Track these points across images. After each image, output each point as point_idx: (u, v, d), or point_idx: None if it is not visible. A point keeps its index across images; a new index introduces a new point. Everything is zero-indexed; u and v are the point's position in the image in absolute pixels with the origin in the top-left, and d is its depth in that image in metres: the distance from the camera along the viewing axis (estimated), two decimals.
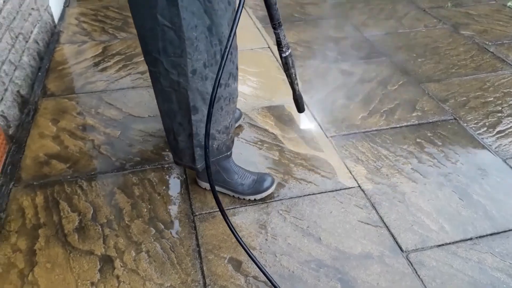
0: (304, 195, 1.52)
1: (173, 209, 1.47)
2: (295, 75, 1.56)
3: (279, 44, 1.47)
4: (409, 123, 1.89)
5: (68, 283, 1.22)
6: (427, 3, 3.15)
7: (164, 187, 1.56)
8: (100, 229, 1.39)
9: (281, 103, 2.02)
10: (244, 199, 1.50)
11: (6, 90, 1.78)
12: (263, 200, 1.50)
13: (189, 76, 1.20)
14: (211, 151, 1.39)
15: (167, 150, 1.73)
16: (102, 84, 2.17)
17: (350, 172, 1.63)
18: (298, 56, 2.43)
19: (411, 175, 1.61)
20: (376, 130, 1.85)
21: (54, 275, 1.24)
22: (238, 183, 1.49)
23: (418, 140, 1.79)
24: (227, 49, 0.97)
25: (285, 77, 2.22)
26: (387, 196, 1.52)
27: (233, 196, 1.51)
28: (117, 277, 1.24)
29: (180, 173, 1.62)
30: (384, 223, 1.42)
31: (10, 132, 1.76)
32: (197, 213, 1.45)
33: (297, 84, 1.60)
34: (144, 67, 2.32)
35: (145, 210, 1.46)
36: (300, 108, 1.72)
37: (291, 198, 1.51)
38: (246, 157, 1.69)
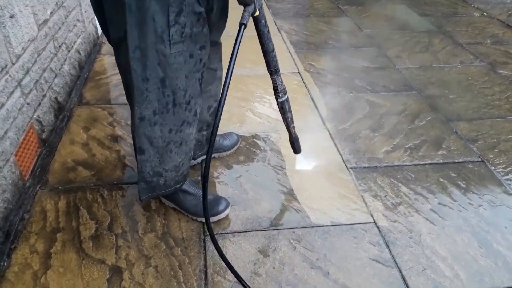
0: (317, 226, 1.51)
1: (186, 227, 1.49)
2: (291, 119, 1.56)
3: (275, 89, 1.47)
4: (433, 161, 1.85)
5: None
6: (466, 38, 3.10)
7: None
8: (114, 239, 1.44)
9: (304, 129, 2.03)
10: (196, 220, 1.52)
11: (44, 96, 1.89)
12: (274, 226, 1.50)
13: (136, 121, 1.23)
14: (157, 185, 1.40)
15: None
16: None
17: (367, 207, 1.60)
18: (327, 83, 2.44)
19: (430, 215, 1.57)
20: (398, 165, 1.82)
21: (65, 280, 1.29)
22: (192, 204, 1.51)
23: (441, 180, 1.75)
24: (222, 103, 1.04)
25: (311, 103, 2.24)
26: (402, 235, 1.49)
27: (188, 215, 1.53)
28: None
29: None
30: (396, 264, 1.38)
31: (44, 136, 1.85)
32: (208, 233, 1.47)
33: (293, 127, 1.59)
34: None
35: (159, 224, 1.50)
36: (296, 149, 1.68)
37: (304, 227, 1.50)
38: (263, 180, 1.71)
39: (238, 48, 1.06)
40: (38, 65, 1.83)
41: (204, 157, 1.75)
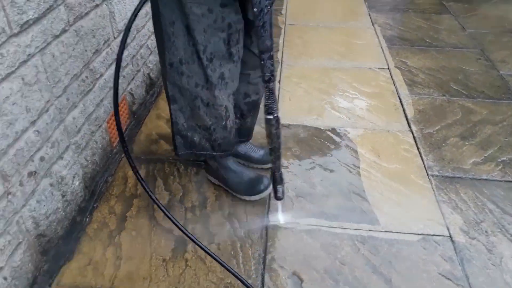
0: (386, 231, 1.44)
1: (252, 212, 1.51)
2: (275, 149, 1.27)
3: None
4: None
5: (144, 254, 1.35)
6: None
7: None
8: (184, 212, 1.51)
9: (385, 129, 1.93)
10: (240, 198, 1.50)
11: (138, 71, 2.02)
12: (339, 224, 1.45)
13: (167, 67, 1.25)
14: (192, 142, 1.40)
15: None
16: None
17: (444, 219, 1.49)
18: (418, 83, 2.29)
19: None
20: (486, 179, 1.66)
21: (135, 243, 1.39)
22: (235, 182, 1.50)
23: None
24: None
25: (397, 101, 2.12)
26: (481, 254, 1.36)
27: (231, 194, 1.52)
28: (186, 260, 1.33)
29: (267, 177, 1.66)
30: (469, 284, 1.26)
31: (134, 108, 2.00)
32: (272, 221, 1.47)
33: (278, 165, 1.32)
34: None
35: (227, 205, 1.54)
36: (276, 193, 1.39)
37: (371, 230, 1.44)
38: (334, 176, 1.66)
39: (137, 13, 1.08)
40: (136, 41, 1.96)
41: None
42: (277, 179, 1.36)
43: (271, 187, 1.43)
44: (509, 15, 3.22)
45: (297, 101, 2.14)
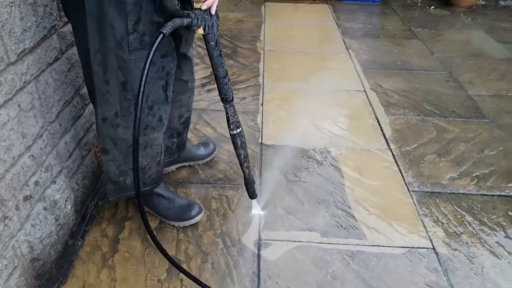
0: (373, 245, 1.50)
1: (243, 229, 1.55)
2: (245, 157, 1.43)
3: (227, 120, 1.35)
4: (502, 193, 1.76)
5: (139, 275, 1.35)
6: None
7: (239, 206, 1.65)
8: (176, 233, 1.53)
9: (365, 148, 2.02)
10: (169, 224, 1.54)
11: None
12: (328, 240, 1.51)
13: (99, 122, 1.27)
14: (124, 185, 1.42)
15: None
16: (204, 104, 2.38)
17: (427, 232, 1.56)
18: (393, 104, 2.41)
19: (495, 248, 1.50)
20: (463, 193, 1.76)
21: (129, 265, 1.39)
22: (165, 207, 1.53)
23: (510, 213, 1.66)
24: (139, 105, 0.98)
25: (375, 122, 2.23)
26: (463, 265, 1.43)
27: (160, 219, 1.56)
28: (181, 280, 1.34)
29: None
30: None
31: None
32: (263, 238, 1.51)
33: (248, 167, 1.46)
34: (243, 93, 2.49)
35: (218, 224, 1.57)
36: (250, 194, 1.55)
37: (358, 245, 1.50)
38: (320, 193, 1.72)
39: (152, 55, 1.00)
40: None
41: (178, 164, 1.80)
42: (250, 181, 1.51)
43: (202, 214, 1.56)
44: (472, 39, 3.45)
45: (280, 123, 2.22)
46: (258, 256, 1.44)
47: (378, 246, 1.50)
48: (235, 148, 1.41)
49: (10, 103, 1.13)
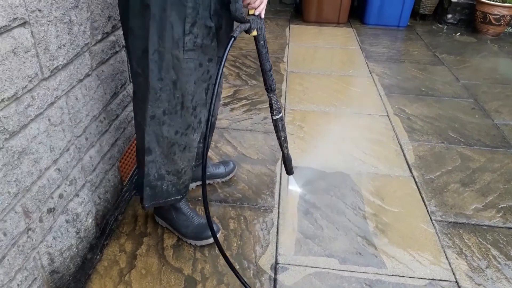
0: (392, 275, 1.46)
1: (259, 252, 1.53)
2: (285, 138, 1.63)
3: (270, 106, 1.54)
4: None
5: None
6: None
7: (256, 228, 1.64)
8: (193, 251, 1.52)
9: (387, 173, 1.99)
10: (185, 242, 1.55)
11: None
12: (347, 268, 1.47)
13: (147, 119, 1.32)
14: (160, 191, 1.46)
15: (267, 193, 1.83)
16: (226, 122, 2.40)
17: (449, 264, 1.51)
18: (417, 130, 2.38)
19: None
20: (488, 225, 1.70)
21: (145, 282, 1.39)
22: (184, 225, 1.55)
23: None
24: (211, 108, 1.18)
25: (398, 147, 2.20)
26: None
27: (178, 236, 1.57)
28: None
29: (273, 218, 1.69)
30: None
31: None
32: (280, 262, 1.49)
33: (286, 147, 1.66)
34: (265, 114, 2.51)
35: (235, 244, 1.56)
36: (288, 170, 1.76)
37: (378, 274, 1.46)
38: (340, 219, 1.70)
39: (227, 56, 1.20)
40: None
41: (198, 182, 1.85)
42: (289, 159, 1.71)
43: (219, 234, 1.60)
44: (499, 67, 3.40)
45: (301, 144, 2.21)
46: (275, 280, 1.42)
47: (398, 276, 1.46)
48: (277, 131, 1.60)
49: (41, 117, 1.16)
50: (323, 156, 2.12)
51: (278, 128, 1.58)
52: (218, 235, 1.56)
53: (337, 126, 2.42)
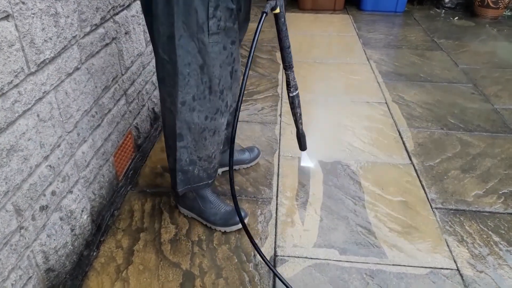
0: (393, 264, 1.44)
1: (259, 244, 1.51)
2: (300, 115, 1.62)
3: (288, 84, 1.52)
4: None
5: None
6: None
7: (254, 220, 1.62)
8: (191, 246, 1.50)
9: (387, 161, 1.97)
10: (215, 229, 1.55)
11: (143, 105, 2.06)
12: (347, 258, 1.46)
13: (178, 106, 1.32)
14: (192, 176, 1.48)
15: (265, 185, 1.81)
16: None
17: (451, 252, 1.50)
18: (416, 117, 2.35)
19: None
20: (489, 212, 1.68)
21: (143, 278, 1.37)
22: (211, 213, 1.55)
23: None
24: (243, 88, 1.15)
25: (397, 135, 2.17)
26: None
27: (206, 225, 1.57)
28: None
29: (271, 209, 1.67)
30: None
31: (139, 142, 2.02)
32: (279, 254, 1.47)
33: (301, 123, 1.66)
34: (261, 104, 2.47)
35: (233, 238, 1.54)
36: (301, 146, 1.74)
37: (379, 263, 1.44)
38: (339, 209, 1.68)
39: (259, 32, 1.20)
40: (142, 77, 2.01)
41: (223, 168, 1.87)
42: (303, 135, 1.70)
43: (247, 219, 1.60)
44: (498, 51, 3.36)
45: None
46: (274, 272, 1.40)
47: (399, 265, 1.44)
48: (292, 108, 1.58)
49: (29, 113, 1.13)
50: (321, 145, 2.09)
51: (295, 105, 1.58)
52: (246, 221, 1.56)
53: (335, 114, 2.38)
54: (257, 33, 1.20)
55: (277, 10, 1.32)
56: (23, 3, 1.07)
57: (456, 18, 4.17)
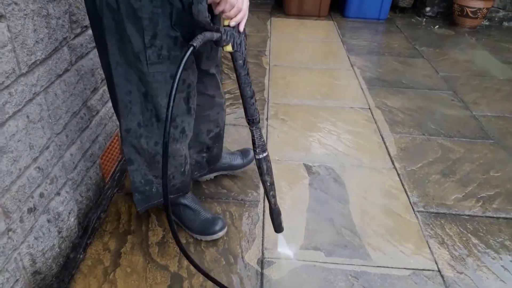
0: (377, 266, 1.48)
1: (245, 246, 1.53)
2: (271, 184, 1.29)
3: (253, 143, 1.25)
4: (508, 216, 1.74)
5: None
6: None
7: (242, 223, 1.64)
8: (178, 248, 1.51)
9: (371, 166, 2.02)
10: (192, 236, 1.55)
11: None
12: (333, 260, 1.49)
13: (123, 133, 1.30)
14: (150, 194, 1.46)
15: (252, 188, 1.83)
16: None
17: (432, 254, 1.55)
18: (398, 122, 2.41)
19: (501, 273, 1.48)
20: (469, 215, 1.74)
21: (131, 280, 1.37)
22: (190, 219, 1.54)
23: None
24: (169, 117, 0.95)
25: (380, 140, 2.22)
26: None
27: (185, 230, 1.57)
28: None
29: (259, 212, 1.69)
30: None
31: None
32: (266, 256, 1.49)
33: (273, 196, 1.31)
34: None
35: (221, 240, 1.55)
36: (275, 226, 1.41)
37: (363, 265, 1.48)
38: (324, 211, 1.71)
39: (182, 68, 0.94)
40: None
41: (215, 173, 1.83)
42: (277, 212, 1.40)
43: (225, 229, 1.55)
44: (476, 60, 3.47)
45: (285, 138, 2.21)
46: (261, 274, 1.43)
47: (383, 267, 1.48)
48: (261, 174, 1.28)
49: (19, 114, 1.12)
50: (306, 149, 2.13)
51: (263, 170, 1.26)
52: (224, 231, 1.55)
53: (320, 119, 2.43)
54: (179, 70, 0.93)
55: (229, 48, 1.11)
56: (16, 3, 1.06)
57: (437, 26, 4.29)
